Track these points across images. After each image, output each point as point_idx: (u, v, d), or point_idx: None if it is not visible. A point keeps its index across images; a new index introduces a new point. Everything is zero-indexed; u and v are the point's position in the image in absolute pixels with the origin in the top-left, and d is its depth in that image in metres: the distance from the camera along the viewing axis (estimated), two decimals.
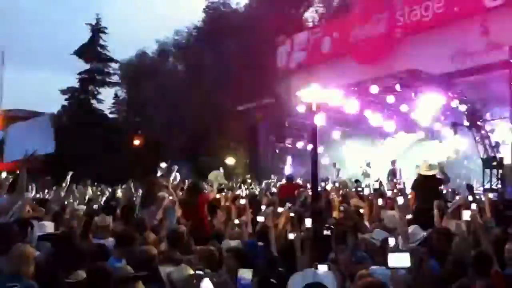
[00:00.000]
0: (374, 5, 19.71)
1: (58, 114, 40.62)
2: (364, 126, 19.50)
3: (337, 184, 12.91)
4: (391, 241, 5.45)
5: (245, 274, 3.95)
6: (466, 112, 15.21)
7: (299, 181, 15.13)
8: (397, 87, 15.24)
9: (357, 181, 15.20)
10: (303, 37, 23.85)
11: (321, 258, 4.99)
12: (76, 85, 41.84)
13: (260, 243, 6.27)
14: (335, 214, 9.63)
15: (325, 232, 5.34)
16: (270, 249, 6.18)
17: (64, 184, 11.08)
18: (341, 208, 9.32)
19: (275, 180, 17.40)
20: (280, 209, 7.91)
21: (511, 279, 4.97)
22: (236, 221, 7.34)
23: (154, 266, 4.84)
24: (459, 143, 17.62)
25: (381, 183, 14.90)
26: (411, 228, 6.26)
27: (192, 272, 4.60)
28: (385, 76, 15.89)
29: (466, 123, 15.55)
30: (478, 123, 15.21)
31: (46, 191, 14.76)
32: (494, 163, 15.10)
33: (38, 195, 12.78)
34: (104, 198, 12.34)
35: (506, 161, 14.88)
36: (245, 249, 5.75)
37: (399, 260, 3.70)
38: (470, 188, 12.66)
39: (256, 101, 24.54)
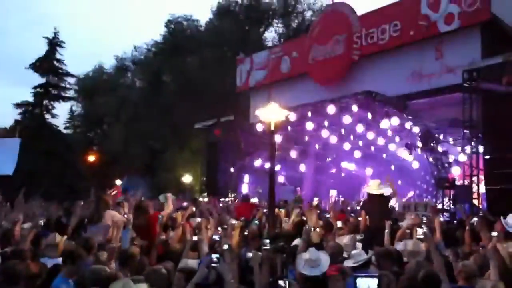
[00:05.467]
0: (332, 26, 19.95)
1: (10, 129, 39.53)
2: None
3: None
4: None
5: None
6: (420, 133, 15.52)
7: (254, 200, 15.06)
8: (354, 107, 15.55)
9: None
10: (262, 56, 23.97)
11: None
12: (31, 99, 40.83)
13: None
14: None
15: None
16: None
17: (16, 201, 10.68)
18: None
19: (232, 198, 17.31)
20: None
21: None
22: (195, 238, 7.11)
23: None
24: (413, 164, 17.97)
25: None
26: (356, 249, 6.28)
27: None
28: (342, 97, 16.12)
29: (420, 144, 15.85)
30: (432, 144, 15.51)
31: None
32: (447, 184, 15.40)
33: None
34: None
35: (458, 182, 15.24)
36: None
37: (368, 285, 3.69)
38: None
39: (215, 118, 24.47)
